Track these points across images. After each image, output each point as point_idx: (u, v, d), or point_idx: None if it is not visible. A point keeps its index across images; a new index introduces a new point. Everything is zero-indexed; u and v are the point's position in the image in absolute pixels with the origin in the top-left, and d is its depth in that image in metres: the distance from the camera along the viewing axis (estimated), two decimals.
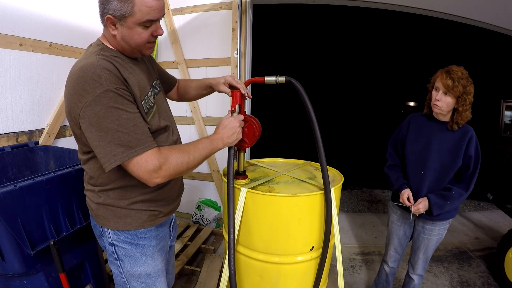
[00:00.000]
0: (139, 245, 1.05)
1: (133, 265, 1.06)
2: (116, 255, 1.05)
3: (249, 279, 1.37)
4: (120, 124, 0.83)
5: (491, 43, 6.11)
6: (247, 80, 1.32)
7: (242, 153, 1.37)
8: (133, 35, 0.90)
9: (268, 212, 1.24)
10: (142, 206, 1.02)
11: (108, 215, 1.01)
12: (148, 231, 1.06)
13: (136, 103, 0.92)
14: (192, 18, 3.06)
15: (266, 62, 6.09)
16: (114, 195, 0.99)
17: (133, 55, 0.99)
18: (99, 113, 0.82)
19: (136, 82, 0.94)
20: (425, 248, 1.69)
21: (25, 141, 1.94)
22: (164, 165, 0.88)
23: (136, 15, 0.86)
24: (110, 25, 0.89)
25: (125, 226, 1.01)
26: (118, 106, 0.84)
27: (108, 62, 0.88)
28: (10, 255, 1.15)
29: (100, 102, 0.82)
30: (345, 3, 3.19)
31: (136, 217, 1.02)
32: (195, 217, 3.18)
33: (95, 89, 0.82)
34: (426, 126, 1.63)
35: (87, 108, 0.82)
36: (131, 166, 0.86)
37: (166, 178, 0.90)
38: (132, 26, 0.88)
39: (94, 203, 1.03)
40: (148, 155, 0.86)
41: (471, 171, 1.54)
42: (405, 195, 1.61)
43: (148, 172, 0.86)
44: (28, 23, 1.94)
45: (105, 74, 0.84)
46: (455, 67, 1.51)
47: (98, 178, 0.99)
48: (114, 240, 1.03)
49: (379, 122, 8.78)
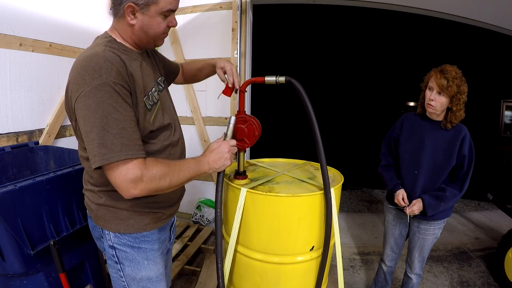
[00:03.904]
0: (141, 248, 1.01)
1: (134, 269, 1.02)
2: (116, 258, 1.02)
3: (249, 279, 1.37)
4: (107, 123, 0.79)
5: (491, 43, 6.10)
6: (247, 80, 1.32)
7: (242, 153, 1.37)
8: (153, 24, 0.92)
9: (268, 212, 1.24)
10: (145, 208, 0.99)
11: (109, 217, 0.97)
12: (150, 234, 1.03)
13: (137, 101, 0.90)
14: (192, 18, 3.06)
15: (266, 62, 6.08)
16: (116, 195, 0.93)
17: (148, 45, 0.99)
18: (90, 106, 0.79)
19: (141, 77, 0.93)
20: (420, 247, 1.69)
21: (25, 141, 1.94)
22: (145, 177, 0.82)
23: (159, 4, 0.88)
24: (129, 14, 0.89)
25: (127, 229, 0.98)
26: (111, 103, 0.79)
27: (115, 54, 0.86)
28: (10, 255, 1.14)
29: (94, 95, 0.79)
30: (345, 3, 3.19)
31: (138, 219, 0.98)
32: (195, 217, 3.18)
33: (93, 80, 0.79)
34: (420, 125, 1.63)
35: (81, 98, 0.79)
36: (109, 170, 0.81)
37: (145, 192, 0.84)
38: (154, 15, 0.90)
39: (94, 204, 0.99)
40: (131, 164, 0.81)
41: (465, 170, 1.54)
42: (400, 196, 1.61)
43: (126, 182, 0.80)
44: (28, 23, 1.94)
45: (107, 66, 0.82)
46: (449, 67, 1.50)
47: (98, 177, 0.95)
48: (114, 243, 1.00)
49: (379, 122, 8.77)
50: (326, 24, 7.41)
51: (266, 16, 5.55)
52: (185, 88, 3.13)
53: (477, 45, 6.54)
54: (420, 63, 4.93)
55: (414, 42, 7.55)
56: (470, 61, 6.05)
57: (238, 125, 1.23)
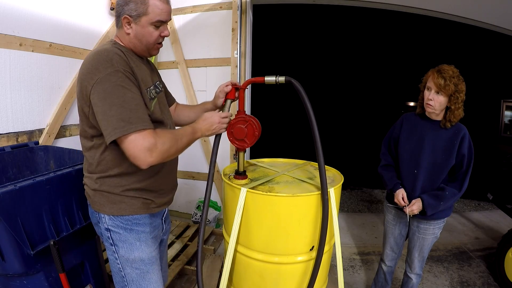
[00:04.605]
0: (133, 230, 1.11)
1: (127, 250, 1.11)
2: (111, 240, 1.11)
3: (249, 279, 1.37)
4: (124, 100, 0.93)
5: (491, 43, 6.10)
6: (247, 80, 1.32)
7: (242, 153, 1.37)
8: (145, 33, 1.05)
9: (268, 212, 1.24)
10: (136, 194, 1.09)
11: (103, 201, 1.08)
12: (142, 217, 1.12)
13: (140, 89, 1.02)
14: (192, 18, 3.06)
15: (266, 62, 6.08)
16: (110, 181, 1.07)
17: (142, 53, 1.12)
18: (108, 89, 0.92)
19: (140, 75, 1.05)
20: (420, 247, 1.69)
21: (25, 141, 1.94)
22: (158, 143, 0.95)
23: (149, 15, 1.02)
24: (125, 24, 1.04)
25: (120, 211, 1.08)
26: (125, 86, 0.94)
27: (121, 51, 1.01)
28: (10, 255, 1.14)
29: (109, 80, 0.93)
30: (345, 3, 3.19)
31: (130, 203, 1.08)
32: (195, 217, 3.18)
33: (107, 68, 0.93)
34: (419, 125, 1.63)
35: (97, 84, 0.93)
36: (127, 142, 0.92)
37: (159, 158, 0.96)
38: (145, 25, 1.03)
39: (91, 190, 1.10)
40: (145, 133, 0.93)
41: (464, 169, 1.54)
42: (400, 195, 1.61)
43: (143, 150, 0.92)
44: (28, 23, 1.94)
45: (117, 58, 0.97)
46: (446, 66, 1.51)
47: (97, 165, 1.07)
48: (109, 225, 1.10)
49: (379, 122, 8.77)
50: (326, 24, 7.41)
51: (266, 16, 5.55)
52: (185, 88, 3.13)
53: (477, 45, 6.54)
54: (420, 63, 4.93)
55: (414, 42, 7.55)
56: (470, 61, 6.05)
57: (238, 125, 1.23)
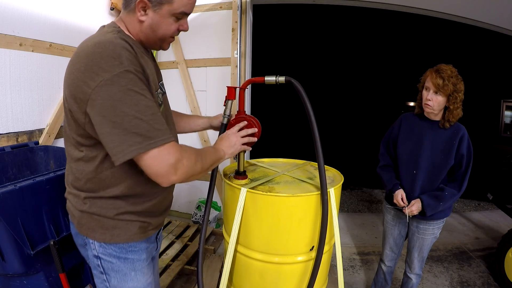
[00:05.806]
0: (128, 259, 0.94)
1: (120, 280, 0.95)
2: (102, 269, 0.95)
3: (249, 279, 1.37)
4: (139, 110, 0.73)
5: (491, 43, 6.10)
6: (247, 80, 1.32)
7: (242, 153, 1.37)
8: (163, 25, 0.88)
9: (268, 212, 1.24)
10: (132, 217, 0.92)
11: (93, 225, 0.90)
12: (138, 243, 0.96)
13: (151, 92, 0.85)
14: (192, 18, 3.05)
15: (266, 62, 6.08)
16: (102, 203, 0.88)
17: (153, 46, 0.95)
18: (116, 95, 0.72)
19: (150, 74, 0.87)
20: (420, 247, 1.69)
21: (25, 141, 1.94)
22: (184, 159, 0.80)
23: (174, 4, 0.84)
24: (139, 10, 0.84)
25: (113, 238, 0.90)
26: (138, 90, 0.75)
27: (128, 44, 0.81)
28: (10, 255, 1.14)
29: (118, 83, 0.72)
30: (345, 3, 3.19)
31: (125, 229, 0.91)
32: (195, 217, 3.18)
33: (114, 67, 0.73)
34: (418, 125, 1.63)
35: (101, 88, 0.72)
36: (147, 159, 0.75)
37: (183, 177, 0.80)
38: (166, 15, 0.86)
39: (77, 210, 0.91)
40: (169, 147, 0.77)
41: (464, 169, 1.54)
42: (399, 196, 1.61)
43: (167, 167, 0.76)
44: (28, 23, 1.94)
45: (126, 54, 0.76)
46: (444, 66, 1.51)
47: (86, 182, 0.87)
48: (100, 253, 0.92)
49: (379, 122, 8.77)
50: (326, 24, 7.42)
51: (266, 16, 5.55)
52: (185, 88, 3.13)
53: (477, 45, 6.54)
54: (420, 63, 4.92)
55: (414, 42, 7.55)
56: (470, 61, 6.05)
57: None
